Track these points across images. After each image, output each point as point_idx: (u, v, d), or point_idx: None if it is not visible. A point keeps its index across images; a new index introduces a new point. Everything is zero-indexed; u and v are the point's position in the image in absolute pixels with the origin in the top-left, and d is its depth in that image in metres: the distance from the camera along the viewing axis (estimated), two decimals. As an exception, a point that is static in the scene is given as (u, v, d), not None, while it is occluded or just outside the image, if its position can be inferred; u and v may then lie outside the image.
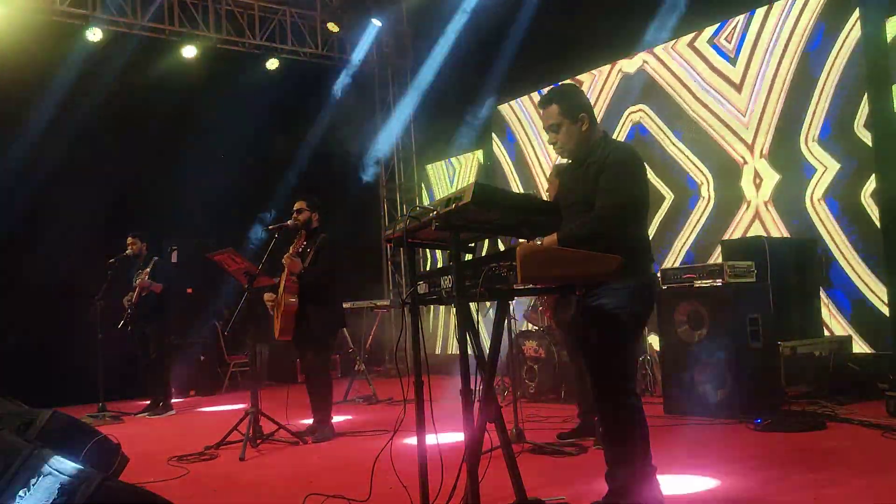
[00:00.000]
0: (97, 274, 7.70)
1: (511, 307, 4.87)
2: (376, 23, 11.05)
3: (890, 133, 6.27)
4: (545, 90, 3.45)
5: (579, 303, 3.20)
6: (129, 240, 7.90)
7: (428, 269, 10.43)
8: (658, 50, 8.08)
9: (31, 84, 8.76)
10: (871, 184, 6.36)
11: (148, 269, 7.68)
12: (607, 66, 8.68)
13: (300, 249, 5.75)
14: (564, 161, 4.69)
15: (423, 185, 11.75)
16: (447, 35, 10.13)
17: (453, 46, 10.09)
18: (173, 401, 8.07)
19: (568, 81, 8.51)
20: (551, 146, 3.35)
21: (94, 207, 8.98)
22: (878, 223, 6.28)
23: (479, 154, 10.64)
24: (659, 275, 5.90)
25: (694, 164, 7.78)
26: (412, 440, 3.06)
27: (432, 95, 10.78)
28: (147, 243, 7.99)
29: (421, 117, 11.37)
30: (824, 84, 6.70)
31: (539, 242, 2.98)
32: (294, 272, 5.58)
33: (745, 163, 7.28)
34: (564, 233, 2.98)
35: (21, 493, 2.51)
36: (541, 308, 6.61)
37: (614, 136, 7.13)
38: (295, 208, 5.85)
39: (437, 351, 10.86)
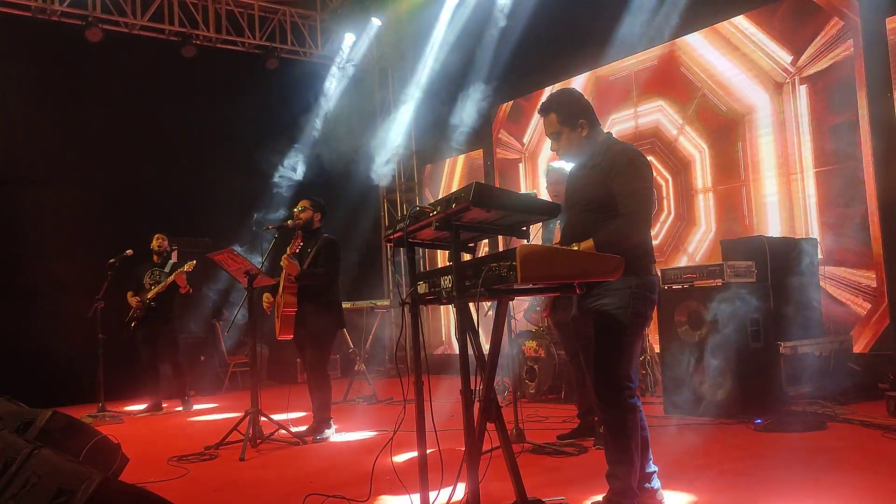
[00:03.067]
0: (97, 274, 7.71)
1: (511, 307, 4.87)
2: (376, 21, 11.05)
3: (890, 133, 6.28)
4: (544, 96, 3.44)
5: (580, 302, 3.20)
6: (158, 236, 7.98)
7: (427, 268, 10.44)
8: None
9: (31, 83, 8.76)
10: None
11: (184, 269, 7.64)
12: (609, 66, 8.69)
13: (297, 250, 5.74)
14: (560, 163, 4.71)
15: (422, 185, 11.75)
16: (447, 35, 10.13)
17: (454, 46, 10.09)
18: (167, 401, 8.10)
19: (565, 87, 8.53)
20: (555, 151, 3.35)
21: (94, 207, 8.99)
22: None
23: (479, 154, 10.64)
24: (659, 275, 5.90)
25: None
26: (412, 441, 3.06)
27: (432, 95, 10.78)
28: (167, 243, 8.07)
29: (420, 117, 11.36)
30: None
31: (576, 248, 2.98)
32: (292, 274, 5.58)
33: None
34: (600, 238, 3.00)
35: (21, 492, 2.51)
36: (538, 308, 6.61)
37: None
38: (298, 207, 5.84)
39: (446, 350, 10.86)
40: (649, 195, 3.10)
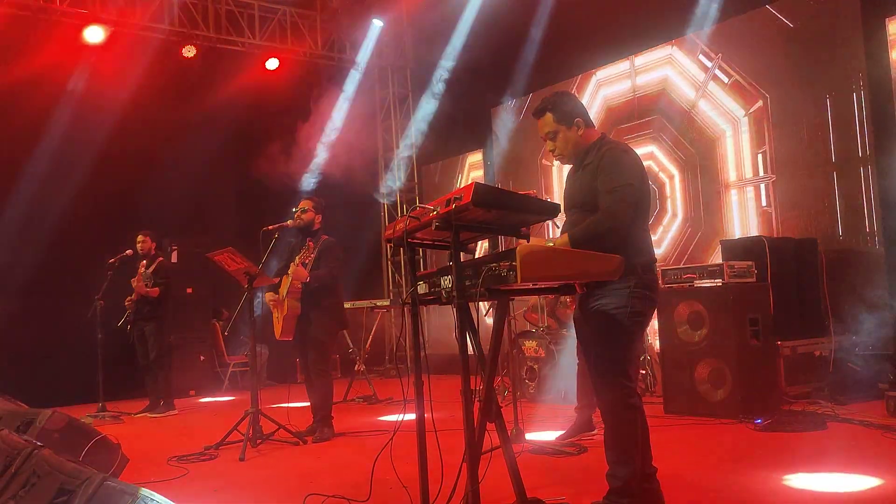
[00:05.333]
0: (97, 274, 7.70)
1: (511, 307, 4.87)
2: (377, 23, 11.05)
3: (890, 133, 6.28)
4: (539, 98, 3.45)
5: (581, 302, 3.21)
6: (140, 238, 7.89)
7: (426, 268, 10.43)
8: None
9: (31, 84, 8.75)
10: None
11: (150, 271, 7.65)
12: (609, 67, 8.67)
13: (308, 261, 5.68)
14: None
15: (423, 185, 11.75)
16: (447, 35, 10.14)
17: (454, 46, 10.09)
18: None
19: (560, 90, 8.54)
20: (551, 153, 3.36)
21: (94, 207, 8.99)
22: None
23: (479, 154, 10.64)
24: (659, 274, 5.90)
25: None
26: (412, 440, 3.06)
27: (432, 95, 10.77)
28: (156, 242, 8.01)
29: (421, 117, 11.36)
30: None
31: (550, 244, 2.99)
32: (300, 281, 5.57)
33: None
34: (574, 233, 2.99)
35: (21, 492, 2.51)
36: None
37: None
38: (300, 207, 5.82)
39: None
40: (631, 193, 3.06)
